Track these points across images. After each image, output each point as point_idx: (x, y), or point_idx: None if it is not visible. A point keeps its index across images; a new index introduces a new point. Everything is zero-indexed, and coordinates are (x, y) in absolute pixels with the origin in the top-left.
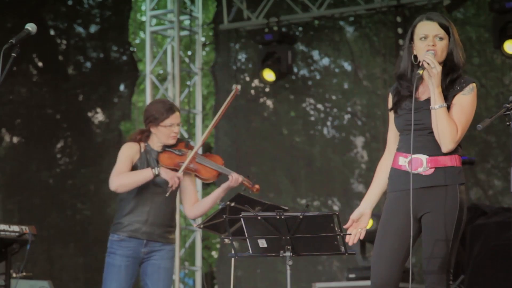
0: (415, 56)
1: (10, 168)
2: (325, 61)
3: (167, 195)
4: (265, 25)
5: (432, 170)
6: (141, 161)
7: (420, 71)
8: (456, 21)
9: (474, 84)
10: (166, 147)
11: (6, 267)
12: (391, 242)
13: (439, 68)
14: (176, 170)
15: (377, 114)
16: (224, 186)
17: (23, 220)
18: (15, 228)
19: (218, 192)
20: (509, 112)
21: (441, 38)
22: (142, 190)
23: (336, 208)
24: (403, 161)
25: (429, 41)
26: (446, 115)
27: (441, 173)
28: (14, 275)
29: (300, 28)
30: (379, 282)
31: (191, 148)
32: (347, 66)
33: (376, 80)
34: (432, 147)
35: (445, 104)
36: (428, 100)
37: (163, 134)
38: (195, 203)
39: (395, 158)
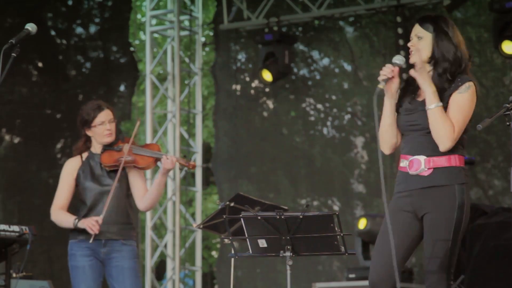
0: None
1: (10, 168)
2: (325, 61)
3: (90, 241)
4: (265, 25)
5: (431, 170)
6: (84, 168)
7: (380, 86)
8: (456, 21)
9: (471, 83)
10: (105, 147)
11: (6, 267)
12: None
13: (427, 68)
14: (117, 166)
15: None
16: (160, 170)
17: (23, 220)
18: (15, 228)
19: (159, 178)
20: (509, 112)
21: (419, 37)
22: (91, 193)
23: (336, 208)
24: (404, 163)
25: (411, 41)
26: (441, 113)
27: (439, 174)
28: (14, 275)
29: (300, 28)
30: (377, 279)
31: (127, 141)
32: (347, 66)
33: (376, 80)
34: (430, 148)
35: (440, 104)
36: (424, 101)
37: (98, 134)
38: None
39: (399, 160)
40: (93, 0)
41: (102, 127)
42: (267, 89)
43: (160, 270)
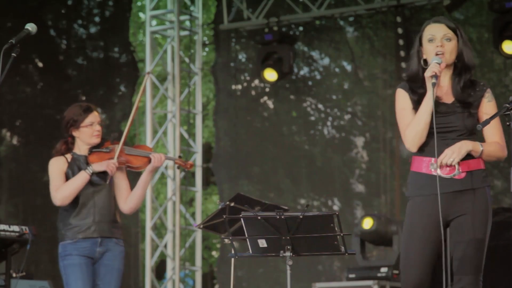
0: (425, 60)
1: (11, 169)
2: (325, 61)
3: (107, 182)
4: (265, 25)
5: (464, 174)
6: (72, 168)
7: (434, 80)
8: (456, 21)
9: (489, 89)
10: (93, 149)
11: (6, 267)
12: (419, 246)
13: (464, 149)
14: None
15: (377, 114)
16: (148, 168)
17: (25, 220)
18: (15, 228)
19: (144, 177)
20: (509, 112)
21: (449, 39)
22: (82, 192)
23: (336, 208)
24: (433, 167)
25: (437, 42)
26: (489, 147)
27: (472, 177)
28: (14, 275)
29: (301, 28)
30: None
31: (117, 143)
32: (347, 66)
33: (376, 80)
34: None
35: (481, 144)
36: (455, 103)
37: (86, 134)
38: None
39: (418, 162)
40: (93, 0)
41: (91, 128)
42: (267, 89)
43: (160, 270)
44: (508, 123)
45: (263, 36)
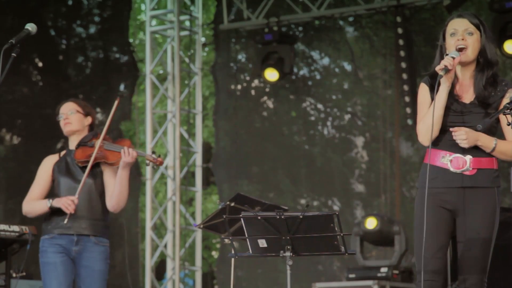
0: (447, 55)
1: (11, 168)
2: (325, 61)
3: (65, 222)
4: (265, 25)
5: (475, 171)
6: (59, 164)
7: (442, 73)
8: None
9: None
10: (80, 143)
11: (6, 267)
12: (434, 233)
13: (470, 135)
14: (88, 162)
15: (377, 114)
16: (120, 164)
17: (25, 220)
18: (15, 228)
19: (118, 173)
20: (509, 112)
21: (471, 33)
22: (64, 187)
23: (336, 208)
24: (445, 159)
25: (458, 35)
26: (505, 145)
27: (482, 175)
28: (14, 275)
29: (300, 28)
30: (430, 270)
31: (99, 137)
32: (347, 66)
33: (376, 80)
34: (475, 148)
35: (495, 141)
36: (473, 102)
37: (62, 127)
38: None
39: (432, 155)
40: (93, 0)
41: (62, 119)
42: (267, 89)
43: (160, 270)
44: (508, 123)
45: (263, 36)
